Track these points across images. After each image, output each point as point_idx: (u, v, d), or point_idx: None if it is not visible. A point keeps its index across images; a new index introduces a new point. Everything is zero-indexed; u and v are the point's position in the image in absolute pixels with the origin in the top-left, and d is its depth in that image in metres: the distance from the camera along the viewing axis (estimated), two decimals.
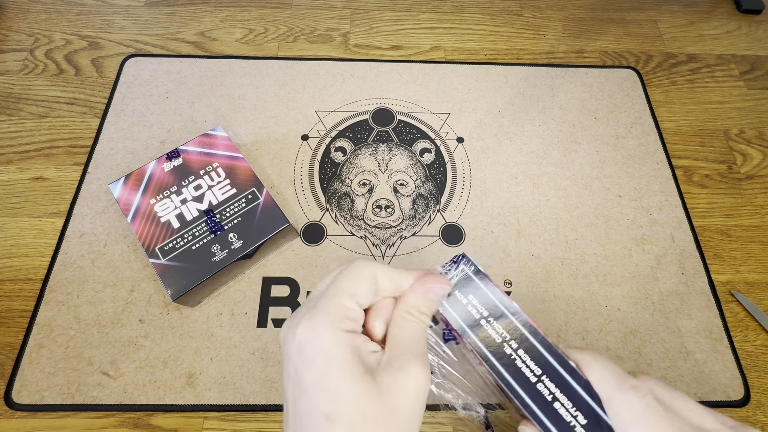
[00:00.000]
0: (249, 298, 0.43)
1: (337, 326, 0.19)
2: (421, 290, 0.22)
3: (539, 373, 0.22)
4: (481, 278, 0.24)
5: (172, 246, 0.41)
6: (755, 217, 0.51)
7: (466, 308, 0.24)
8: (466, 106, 0.56)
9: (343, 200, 0.49)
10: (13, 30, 0.59)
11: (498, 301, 0.24)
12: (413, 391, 0.20)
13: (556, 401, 0.21)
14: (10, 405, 0.39)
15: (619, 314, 0.44)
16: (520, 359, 0.23)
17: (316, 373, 0.19)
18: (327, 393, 0.18)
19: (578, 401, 0.21)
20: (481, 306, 0.24)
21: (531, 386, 0.22)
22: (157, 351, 0.41)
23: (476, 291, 0.24)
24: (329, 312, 0.20)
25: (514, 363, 0.23)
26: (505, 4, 0.66)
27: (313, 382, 0.19)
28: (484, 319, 0.23)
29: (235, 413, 0.39)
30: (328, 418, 0.18)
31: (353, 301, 0.20)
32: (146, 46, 0.59)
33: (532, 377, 0.22)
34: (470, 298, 0.24)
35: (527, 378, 0.22)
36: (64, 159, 0.50)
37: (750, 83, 0.61)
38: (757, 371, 0.43)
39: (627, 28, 0.65)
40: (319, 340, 0.19)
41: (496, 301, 0.24)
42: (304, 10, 0.64)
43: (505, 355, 0.23)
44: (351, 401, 0.18)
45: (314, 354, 0.19)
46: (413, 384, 0.20)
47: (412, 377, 0.20)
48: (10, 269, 0.44)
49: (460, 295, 0.24)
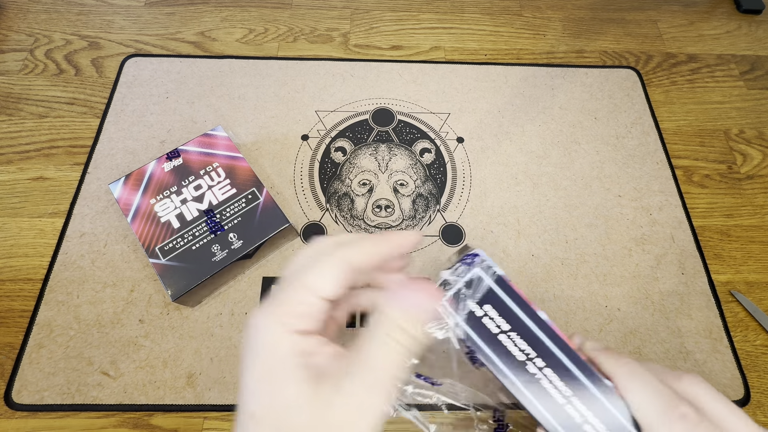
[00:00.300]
0: (249, 298, 0.43)
1: (286, 324, 0.17)
2: (406, 303, 0.18)
3: (569, 394, 0.20)
4: (503, 286, 0.21)
5: (172, 246, 0.41)
6: (755, 217, 0.51)
7: (480, 320, 0.20)
8: (466, 106, 0.56)
9: (343, 200, 0.49)
10: (13, 30, 0.59)
11: (522, 313, 0.20)
12: (363, 426, 0.16)
13: (587, 423, 0.19)
14: (10, 405, 0.39)
15: (619, 314, 0.44)
16: (546, 378, 0.20)
17: (254, 367, 0.17)
18: (259, 390, 0.17)
19: (614, 426, 0.19)
20: (501, 318, 0.20)
21: (559, 408, 0.20)
22: (157, 351, 0.41)
23: (495, 300, 0.20)
24: (282, 306, 0.18)
25: (539, 383, 0.20)
26: (505, 4, 0.66)
27: (251, 374, 0.17)
28: (504, 334, 0.20)
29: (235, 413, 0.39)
30: (253, 416, 0.17)
31: (312, 296, 0.18)
32: (146, 46, 0.59)
33: (560, 398, 0.20)
34: (487, 308, 0.20)
35: (554, 399, 0.20)
36: (64, 159, 0.50)
37: (750, 83, 0.61)
38: (757, 371, 0.43)
39: (627, 28, 0.65)
40: (266, 334, 0.17)
41: (520, 312, 0.20)
42: (304, 10, 0.64)
43: (528, 374, 0.20)
44: (282, 406, 0.16)
45: (258, 347, 0.17)
46: (366, 419, 0.16)
47: (368, 410, 0.16)
48: (10, 269, 0.44)
49: (473, 304, 0.21)
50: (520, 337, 0.20)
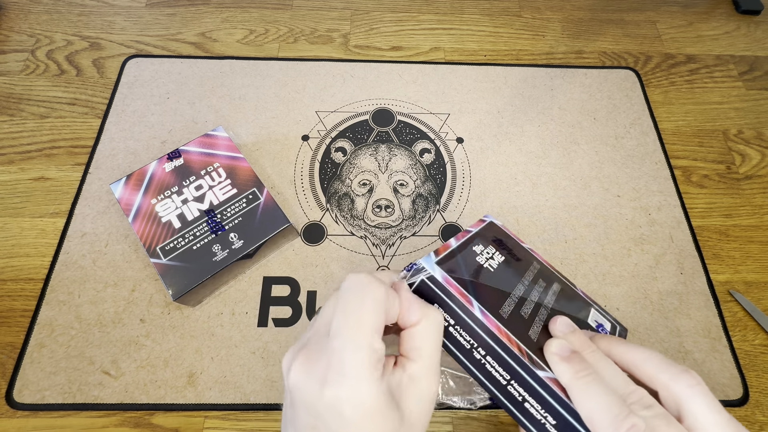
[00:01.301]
0: (249, 298, 0.44)
1: (374, 377, 0.18)
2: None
3: (508, 378, 0.22)
4: (436, 284, 0.23)
5: (173, 246, 0.41)
6: (754, 217, 0.51)
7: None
8: (466, 106, 0.56)
9: (343, 200, 0.49)
10: (14, 31, 0.59)
11: (457, 308, 0.23)
12: (430, 407, 0.21)
13: (526, 402, 0.22)
14: (11, 404, 0.39)
15: (618, 314, 0.44)
16: (489, 364, 0.22)
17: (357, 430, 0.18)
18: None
19: (549, 408, 0.21)
20: (446, 314, 0.23)
21: (503, 387, 0.22)
22: (158, 350, 0.41)
23: (437, 300, 0.23)
24: (363, 363, 0.18)
25: (484, 367, 0.22)
26: (504, 5, 0.67)
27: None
28: (452, 327, 0.23)
29: (236, 412, 0.39)
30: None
31: (379, 339, 0.19)
32: (147, 47, 0.59)
33: (503, 380, 0.22)
34: (435, 306, 0.23)
35: (498, 381, 0.22)
36: (65, 159, 0.51)
37: (748, 84, 0.61)
38: (756, 371, 0.43)
39: (626, 29, 0.65)
40: (359, 398, 0.18)
41: (455, 308, 0.23)
42: (304, 11, 0.64)
43: (475, 359, 0.23)
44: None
45: (356, 416, 0.18)
46: (430, 401, 0.21)
47: (432, 393, 0.21)
48: (12, 269, 0.45)
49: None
50: (462, 329, 0.23)
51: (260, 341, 0.42)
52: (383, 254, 0.46)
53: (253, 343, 0.42)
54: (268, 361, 0.41)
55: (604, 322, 0.29)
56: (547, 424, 0.21)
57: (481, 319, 0.22)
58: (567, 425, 0.21)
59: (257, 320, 0.43)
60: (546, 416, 0.21)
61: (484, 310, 0.23)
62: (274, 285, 0.44)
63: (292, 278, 0.45)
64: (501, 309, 0.23)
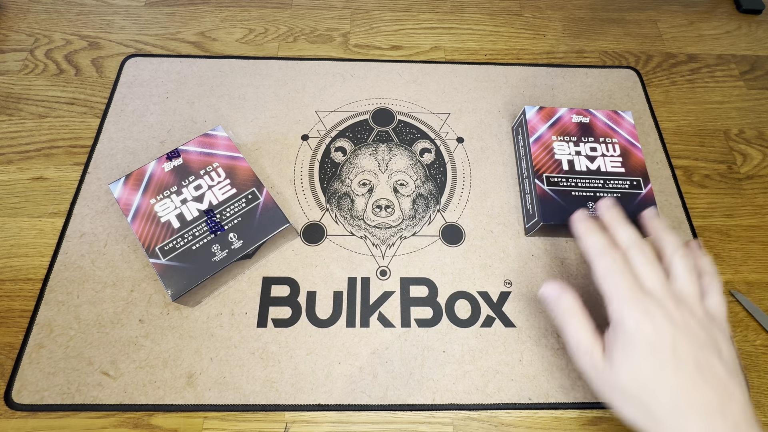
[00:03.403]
0: (249, 298, 0.43)
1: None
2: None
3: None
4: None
5: (173, 246, 0.41)
6: (755, 217, 0.51)
7: None
8: (466, 106, 0.56)
9: (343, 200, 0.49)
10: (13, 30, 0.59)
11: None
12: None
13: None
14: (10, 405, 0.39)
15: None
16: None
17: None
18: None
19: None
20: None
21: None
22: (157, 351, 0.41)
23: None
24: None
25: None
26: (505, 4, 0.66)
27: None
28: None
29: (235, 413, 0.39)
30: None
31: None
32: (146, 46, 0.59)
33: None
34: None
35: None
36: (64, 159, 0.50)
37: (750, 83, 0.61)
38: (757, 371, 0.43)
39: (627, 28, 0.65)
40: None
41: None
42: (304, 10, 0.64)
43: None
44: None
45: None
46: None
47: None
48: (10, 269, 0.44)
49: None
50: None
51: (260, 342, 0.42)
52: (383, 254, 0.46)
53: (253, 344, 0.41)
54: (267, 362, 0.41)
55: None
56: None
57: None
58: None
59: (257, 321, 0.43)
60: None
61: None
62: (274, 285, 0.44)
63: (292, 278, 0.45)
64: None
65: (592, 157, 0.46)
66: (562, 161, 0.45)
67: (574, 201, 0.44)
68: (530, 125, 0.48)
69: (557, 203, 0.43)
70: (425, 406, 0.40)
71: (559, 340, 0.43)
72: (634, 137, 0.48)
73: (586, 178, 0.45)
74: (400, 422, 0.40)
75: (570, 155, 0.46)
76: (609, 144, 0.47)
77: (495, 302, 0.44)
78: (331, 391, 0.40)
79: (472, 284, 0.45)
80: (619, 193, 0.44)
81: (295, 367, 0.41)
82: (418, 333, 0.43)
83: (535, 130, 0.47)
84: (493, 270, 0.46)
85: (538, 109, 0.48)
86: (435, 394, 0.40)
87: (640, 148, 0.47)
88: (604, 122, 0.48)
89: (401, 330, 0.43)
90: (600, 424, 0.40)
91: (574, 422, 0.40)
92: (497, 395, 0.40)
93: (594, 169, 0.45)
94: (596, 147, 0.46)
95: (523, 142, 0.49)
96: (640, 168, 0.46)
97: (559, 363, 0.42)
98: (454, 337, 0.43)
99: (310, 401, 0.39)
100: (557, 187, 0.44)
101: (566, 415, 0.40)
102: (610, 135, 0.47)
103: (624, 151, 0.47)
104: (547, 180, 0.44)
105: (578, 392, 0.41)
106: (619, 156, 0.46)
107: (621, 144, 0.47)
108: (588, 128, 0.48)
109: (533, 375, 0.41)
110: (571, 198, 0.44)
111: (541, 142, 0.47)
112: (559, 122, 0.48)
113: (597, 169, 0.45)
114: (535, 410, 0.40)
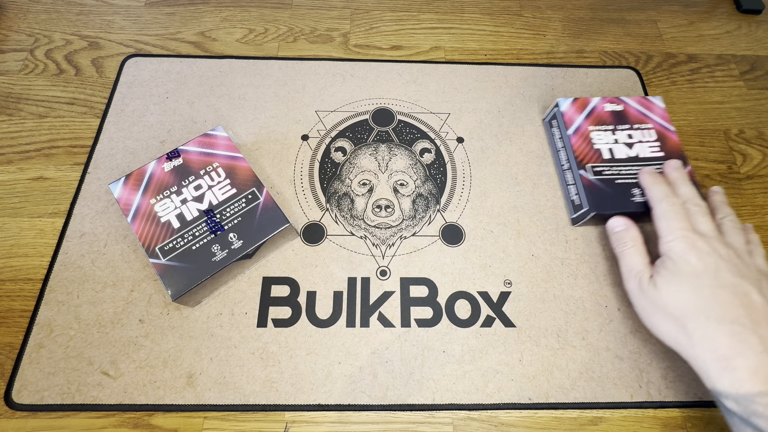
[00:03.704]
0: (249, 298, 0.43)
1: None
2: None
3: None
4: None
5: (173, 246, 0.41)
6: (755, 217, 0.51)
7: None
8: (466, 106, 0.56)
9: (343, 200, 0.49)
10: (13, 30, 0.59)
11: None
12: None
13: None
14: (10, 405, 0.39)
15: (619, 314, 0.44)
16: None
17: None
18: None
19: None
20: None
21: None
22: (157, 351, 0.41)
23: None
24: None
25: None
26: (505, 4, 0.66)
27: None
28: None
29: (236, 413, 0.39)
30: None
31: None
32: (146, 46, 0.59)
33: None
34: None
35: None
36: (64, 159, 0.50)
37: (750, 83, 0.61)
38: None
39: (627, 28, 0.65)
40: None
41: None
42: (304, 10, 0.64)
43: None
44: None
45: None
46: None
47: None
48: (10, 269, 0.44)
49: None
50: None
51: (260, 342, 0.42)
52: (383, 254, 0.46)
53: (253, 344, 0.41)
54: (267, 362, 0.41)
55: None
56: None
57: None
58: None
59: (257, 321, 0.43)
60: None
61: None
62: (274, 285, 0.44)
63: (292, 278, 0.45)
64: None
65: (630, 144, 0.47)
66: (602, 150, 0.46)
67: (621, 188, 0.45)
68: (566, 117, 0.49)
69: (605, 192, 0.44)
70: (425, 406, 0.40)
71: (559, 340, 0.43)
72: (667, 121, 0.49)
73: (628, 165, 0.46)
74: (400, 422, 0.40)
75: (609, 144, 0.47)
76: (644, 130, 0.48)
77: (495, 302, 0.44)
78: (331, 391, 0.40)
79: (472, 284, 0.45)
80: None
81: (295, 367, 0.41)
82: (418, 333, 0.43)
83: (572, 121, 0.48)
84: (493, 270, 0.46)
85: (572, 100, 0.49)
86: (435, 394, 0.40)
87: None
88: (636, 109, 0.49)
89: (401, 330, 0.43)
90: (600, 424, 0.40)
91: (574, 422, 0.40)
92: (497, 395, 0.40)
93: (634, 155, 0.46)
94: (632, 134, 0.48)
95: (560, 134, 0.49)
96: (677, 150, 0.47)
97: (559, 363, 0.42)
98: (454, 337, 0.43)
99: (310, 401, 0.39)
100: (602, 176, 0.45)
101: (566, 415, 0.40)
102: (644, 121, 0.49)
103: (660, 136, 0.48)
104: (591, 170, 0.46)
105: (578, 392, 0.41)
106: (656, 141, 0.47)
107: (656, 129, 0.48)
108: (622, 116, 0.49)
109: (533, 375, 0.41)
110: (617, 186, 0.45)
111: (580, 132, 0.48)
112: (593, 112, 0.49)
113: (636, 156, 0.46)
114: (535, 410, 0.40)
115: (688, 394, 0.41)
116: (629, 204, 0.44)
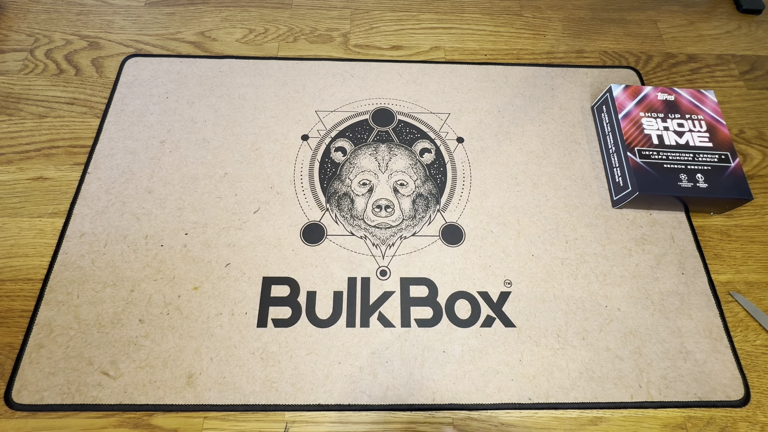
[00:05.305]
0: (249, 298, 0.43)
1: None
2: None
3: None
4: None
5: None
6: (755, 217, 0.51)
7: None
8: (466, 106, 0.56)
9: (343, 200, 0.49)
10: (13, 30, 0.59)
11: None
12: None
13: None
14: (10, 405, 0.39)
15: (619, 314, 0.44)
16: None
17: None
18: None
19: None
20: None
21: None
22: (157, 351, 0.41)
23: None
24: None
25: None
26: (505, 5, 0.66)
27: None
28: None
29: (235, 413, 0.39)
30: None
31: None
32: (146, 46, 0.59)
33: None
34: None
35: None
36: (64, 159, 0.50)
37: (750, 83, 0.61)
38: (757, 371, 0.43)
39: (627, 28, 0.65)
40: None
41: None
42: (304, 11, 0.64)
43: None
44: None
45: None
46: None
47: None
48: (11, 269, 0.44)
49: None
50: None
51: (259, 342, 0.42)
52: (383, 254, 0.46)
53: (253, 344, 0.41)
54: (267, 362, 0.41)
55: None
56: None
57: None
58: None
59: (257, 321, 0.43)
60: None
61: None
62: (274, 285, 0.44)
63: (292, 278, 0.45)
64: None
65: (680, 132, 0.49)
66: (652, 136, 0.49)
67: (667, 173, 0.47)
68: (618, 102, 0.51)
69: (651, 175, 0.47)
70: (425, 406, 0.40)
71: (559, 340, 0.43)
72: (718, 114, 0.51)
73: (676, 151, 0.48)
74: (400, 422, 0.40)
75: (659, 130, 0.49)
76: (695, 120, 0.50)
77: (495, 302, 0.44)
78: (331, 391, 0.40)
79: (472, 284, 0.45)
80: (709, 166, 0.47)
81: (295, 367, 0.41)
82: (418, 333, 0.43)
83: (623, 106, 0.51)
84: (493, 270, 0.46)
85: (624, 87, 0.52)
86: (435, 394, 0.40)
87: (725, 124, 0.50)
88: (688, 100, 0.52)
89: (401, 330, 0.43)
90: (600, 424, 0.40)
91: (574, 422, 0.40)
92: (497, 395, 0.40)
93: (683, 143, 0.49)
94: (683, 123, 0.50)
95: (609, 119, 0.52)
96: (727, 143, 0.49)
97: (559, 363, 0.42)
98: (454, 337, 0.43)
99: (310, 401, 0.39)
100: (649, 160, 0.47)
101: (566, 415, 0.40)
102: (695, 112, 0.51)
103: (710, 127, 0.50)
104: (639, 153, 0.48)
105: (578, 392, 0.41)
106: (706, 132, 0.50)
107: (706, 120, 0.50)
108: (673, 105, 0.51)
109: (533, 375, 0.41)
110: (664, 170, 0.47)
111: (630, 117, 0.50)
112: (645, 99, 0.51)
113: (686, 144, 0.49)
114: (535, 410, 0.40)
115: (688, 394, 0.41)
116: (675, 188, 0.46)
